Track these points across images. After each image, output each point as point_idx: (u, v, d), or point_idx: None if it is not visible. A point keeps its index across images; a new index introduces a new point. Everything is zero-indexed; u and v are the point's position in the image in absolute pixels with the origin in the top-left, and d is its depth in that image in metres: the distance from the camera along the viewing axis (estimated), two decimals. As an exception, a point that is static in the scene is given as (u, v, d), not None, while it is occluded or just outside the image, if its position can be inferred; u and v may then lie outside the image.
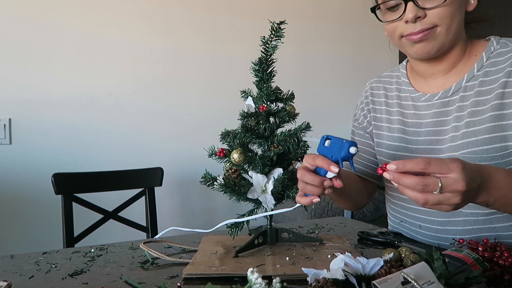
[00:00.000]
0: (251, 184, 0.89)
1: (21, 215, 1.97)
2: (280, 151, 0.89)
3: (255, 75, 0.91)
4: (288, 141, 0.91)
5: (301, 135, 0.92)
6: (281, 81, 0.95)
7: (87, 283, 0.73)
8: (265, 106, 0.90)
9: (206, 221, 2.23)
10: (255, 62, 0.90)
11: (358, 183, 1.11)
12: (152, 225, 1.68)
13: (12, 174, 1.95)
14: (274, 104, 0.93)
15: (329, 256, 0.83)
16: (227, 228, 0.90)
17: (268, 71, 0.91)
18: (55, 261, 0.86)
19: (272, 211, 0.91)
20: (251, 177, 0.89)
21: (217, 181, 0.88)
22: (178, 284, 0.67)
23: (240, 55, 2.31)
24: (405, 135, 1.01)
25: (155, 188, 1.71)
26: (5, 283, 0.64)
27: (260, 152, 0.92)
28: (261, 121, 0.91)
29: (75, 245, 1.49)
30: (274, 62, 0.91)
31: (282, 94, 0.93)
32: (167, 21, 2.23)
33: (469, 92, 0.91)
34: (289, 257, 0.82)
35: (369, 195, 1.15)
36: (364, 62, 2.69)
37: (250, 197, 0.88)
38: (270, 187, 0.88)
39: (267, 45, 0.88)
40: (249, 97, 0.93)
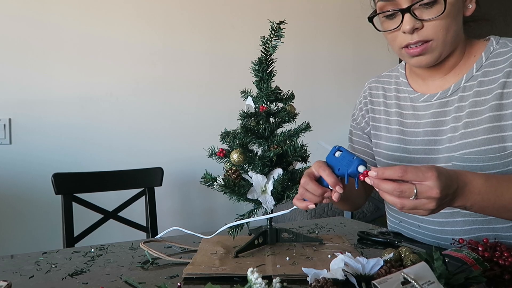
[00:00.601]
0: (251, 185, 0.89)
1: (21, 215, 1.97)
2: (280, 152, 0.89)
3: (255, 75, 0.91)
4: (287, 143, 0.91)
5: (299, 136, 0.92)
6: (280, 81, 0.95)
7: (87, 283, 0.73)
8: (265, 106, 0.90)
9: (206, 221, 2.23)
10: (255, 62, 0.90)
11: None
12: (152, 225, 1.68)
13: (12, 174, 1.95)
14: (274, 104, 0.93)
15: (329, 256, 0.83)
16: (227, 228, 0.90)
17: (268, 71, 0.91)
18: (55, 261, 0.86)
19: (272, 212, 0.91)
20: (251, 178, 0.89)
21: (217, 181, 0.88)
22: (178, 284, 0.67)
23: (240, 55, 2.31)
24: (403, 136, 1.01)
25: (155, 188, 1.71)
26: (5, 283, 0.64)
27: (260, 152, 0.92)
28: (261, 121, 0.91)
29: (75, 245, 1.49)
30: (274, 62, 0.91)
31: (282, 94, 0.93)
32: (167, 21, 2.23)
33: (468, 92, 0.91)
34: (289, 257, 0.82)
35: (366, 196, 1.16)
36: (364, 62, 2.69)
37: (250, 197, 0.88)
38: (270, 187, 0.88)
39: (267, 45, 0.88)
40: (249, 97, 0.93)
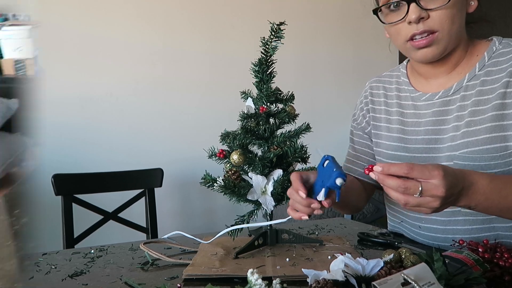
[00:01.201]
0: (251, 186, 0.89)
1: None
2: (280, 153, 0.89)
3: (255, 76, 0.91)
4: (287, 144, 0.91)
5: (299, 137, 0.92)
6: (280, 82, 0.95)
7: (87, 284, 0.72)
8: (265, 107, 0.90)
9: (206, 222, 2.23)
10: (255, 63, 0.90)
11: (357, 187, 1.11)
12: (152, 226, 1.68)
13: (12, 174, 1.95)
14: (274, 105, 0.93)
15: (329, 257, 0.83)
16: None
17: (268, 72, 0.90)
18: (55, 262, 0.86)
19: (272, 213, 0.91)
20: (251, 179, 0.89)
21: (217, 182, 0.88)
22: (178, 285, 0.66)
23: (240, 55, 2.31)
24: (404, 135, 1.01)
25: (155, 189, 1.71)
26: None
27: (259, 153, 0.92)
28: (261, 122, 0.91)
29: (75, 246, 1.49)
30: (273, 63, 0.91)
31: (281, 95, 0.93)
32: (167, 21, 2.23)
33: (470, 91, 0.91)
34: (289, 258, 0.82)
35: (367, 197, 1.16)
36: (364, 63, 2.69)
37: (250, 198, 0.88)
38: (270, 188, 0.88)
39: (267, 46, 0.88)
40: (249, 98, 0.93)
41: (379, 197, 2.09)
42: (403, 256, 0.72)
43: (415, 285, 0.52)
